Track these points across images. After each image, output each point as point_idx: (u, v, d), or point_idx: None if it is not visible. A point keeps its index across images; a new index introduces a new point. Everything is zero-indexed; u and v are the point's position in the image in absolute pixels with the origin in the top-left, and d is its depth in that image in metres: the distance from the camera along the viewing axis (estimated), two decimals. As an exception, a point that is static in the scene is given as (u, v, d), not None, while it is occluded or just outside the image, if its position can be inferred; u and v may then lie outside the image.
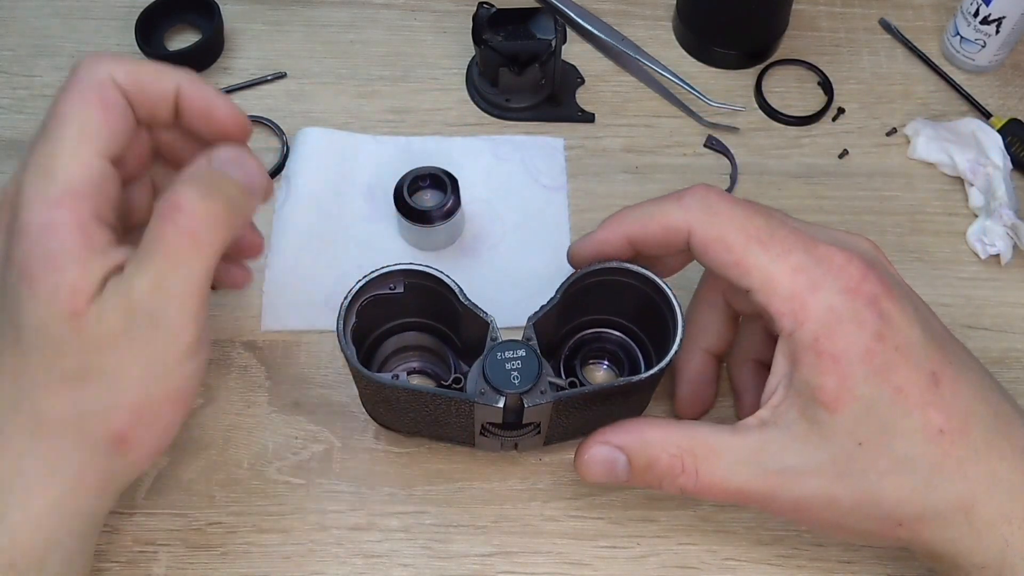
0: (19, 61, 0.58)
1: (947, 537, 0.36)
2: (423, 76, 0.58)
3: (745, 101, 0.58)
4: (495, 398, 0.39)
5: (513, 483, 0.46)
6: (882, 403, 0.35)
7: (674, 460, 0.37)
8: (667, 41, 0.60)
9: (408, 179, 0.49)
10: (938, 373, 0.36)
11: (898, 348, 0.35)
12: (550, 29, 0.53)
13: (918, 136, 0.56)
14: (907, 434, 0.35)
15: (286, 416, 0.47)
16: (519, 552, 0.44)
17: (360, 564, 0.44)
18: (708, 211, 0.38)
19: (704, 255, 0.38)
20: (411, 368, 0.47)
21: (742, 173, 0.55)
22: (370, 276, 0.40)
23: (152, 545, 0.44)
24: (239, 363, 0.48)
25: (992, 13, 0.55)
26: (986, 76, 0.59)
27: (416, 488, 0.46)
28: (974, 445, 0.35)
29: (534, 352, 0.39)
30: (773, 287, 0.36)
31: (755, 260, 0.37)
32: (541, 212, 0.53)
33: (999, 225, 0.52)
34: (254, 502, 0.45)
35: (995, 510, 0.35)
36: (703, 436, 0.38)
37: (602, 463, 0.39)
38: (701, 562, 0.44)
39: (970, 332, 0.51)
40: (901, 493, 0.36)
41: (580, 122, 0.57)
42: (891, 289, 0.36)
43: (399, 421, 0.44)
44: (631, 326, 0.46)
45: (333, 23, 0.60)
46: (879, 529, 0.37)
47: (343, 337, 0.39)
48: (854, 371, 0.35)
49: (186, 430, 0.47)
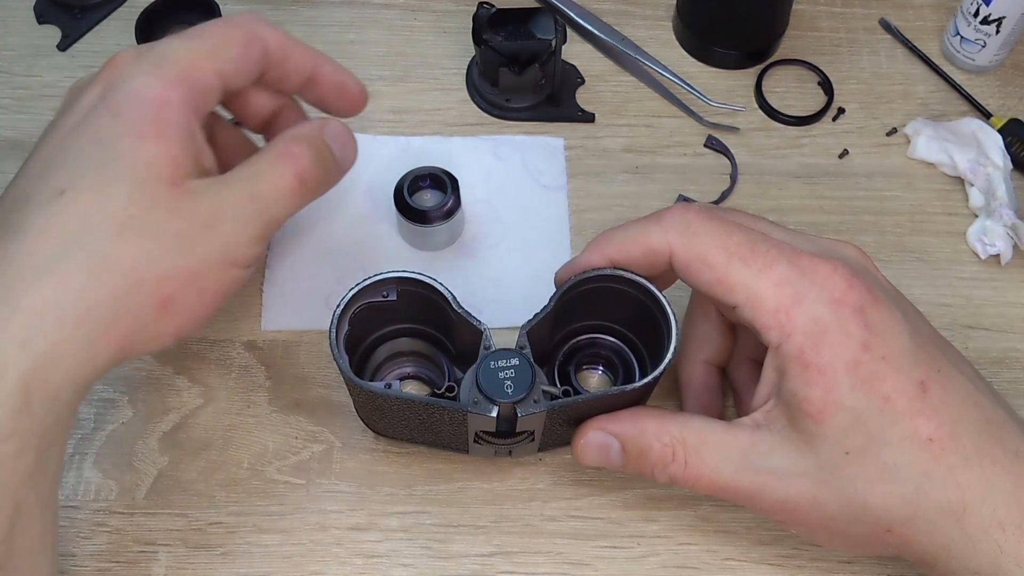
0: (19, 61, 0.58)
1: (939, 544, 0.36)
2: (423, 76, 0.58)
3: (745, 101, 0.58)
4: (488, 407, 0.39)
5: (513, 483, 0.46)
6: (869, 413, 0.35)
7: (666, 449, 0.38)
8: (667, 41, 0.60)
9: (408, 179, 0.49)
10: (926, 381, 0.36)
11: (885, 357, 0.35)
12: (550, 29, 0.53)
13: (918, 136, 0.56)
14: (895, 443, 0.35)
15: (286, 416, 0.47)
16: (519, 552, 0.44)
17: (360, 564, 0.44)
18: (687, 231, 0.38)
19: (687, 275, 0.39)
20: (405, 374, 0.47)
21: (742, 173, 0.55)
22: (363, 284, 0.40)
23: (152, 545, 0.44)
24: (239, 363, 0.48)
25: (992, 13, 0.55)
26: (986, 76, 0.59)
27: (416, 488, 0.46)
28: (965, 452, 0.35)
29: (527, 361, 0.39)
30: (758, 302, 0.37)
31: (738, 276, 0.37)
32: (541, 212, 0.53)
33: (999, 225, 0.52)
34: (254, 502, 0.45)
35: (988, 516, 0.35)
36: (696, 428, 0.38)
37: (597, 448, 0.40)
38: (701, 562, 0.44)
39: (970, 332, 0.51)
40: (889, 500, 0.36)
41: (580, 122, 0.57)
42: (878, 297, 0.36)
43: (393, 428, 0.44)
44: (626, 332, 0.46)
45: (333, 23, 0.60)
46: (868, 534, 0.37)
47: (336, 346, 0.39)
48: (840, 382, 0.35)
49: (186, 430, 0.47)
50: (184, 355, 0.48)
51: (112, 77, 0.37)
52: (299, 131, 0.40)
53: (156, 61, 0.37)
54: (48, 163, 0.36)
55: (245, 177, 0.37)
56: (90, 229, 0.33)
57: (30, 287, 0.32)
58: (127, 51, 0.38)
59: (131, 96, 0.35)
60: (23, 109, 0.56)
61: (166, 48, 0.37)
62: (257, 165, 0.38)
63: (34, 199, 0.34)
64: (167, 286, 0.35)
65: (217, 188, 0.36)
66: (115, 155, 0.35)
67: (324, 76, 0.42)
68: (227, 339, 0.49)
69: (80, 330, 0.33)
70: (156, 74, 0.36)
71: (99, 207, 0.34)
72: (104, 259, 0.33)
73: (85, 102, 0.37)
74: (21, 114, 0.56)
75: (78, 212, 0.34)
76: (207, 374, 0.48)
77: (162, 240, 0.34)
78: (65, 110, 0.38)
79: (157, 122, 0.35)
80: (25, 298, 0.32)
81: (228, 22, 0.39)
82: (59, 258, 0.33)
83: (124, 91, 0.36)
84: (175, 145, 0.35)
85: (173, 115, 0.36)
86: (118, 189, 0.34)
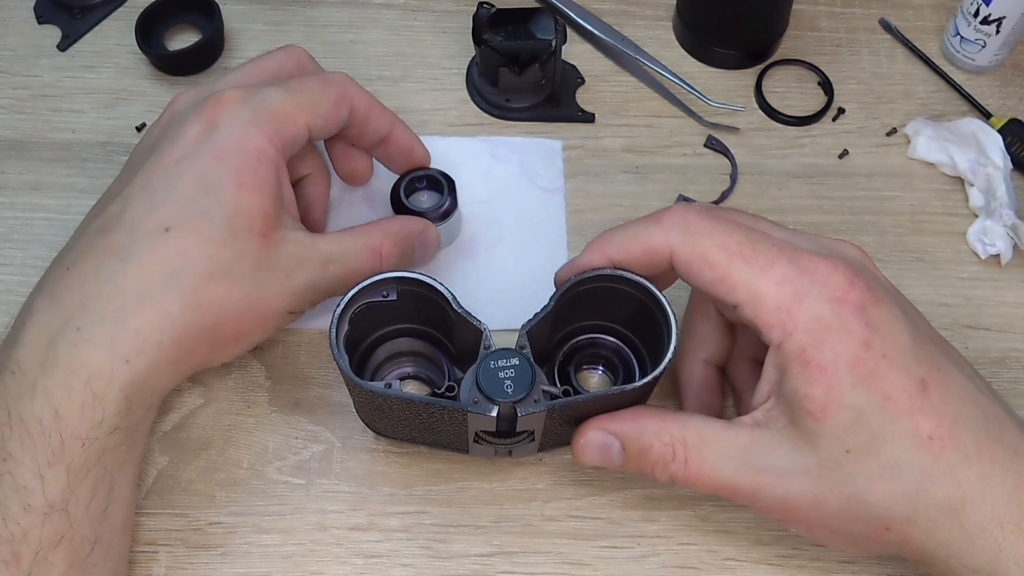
0: (19, 61, 0.58)
1: (938, 541, 0.36)
2: (423, 76, 0.58)
3: (745, 101, 0.58)
4: (488, 407, 0.39)
5: (513, 483, 0.46)
6: (870, 411, 0.35)
7: (666, 448, 0.38)
8: (667, 41, 0.60)
9: (405, 180, 0.49)
10: (926, 379, 0.36)
11: (885, 355, 0.36)
12: (550, 29, 0.53)
13: (918, 136, 0.56)
14: (896, 440, 0.35)
15: (286, 416, 0.47)
16: (519, 552, 0.44)
17: (360, 564, 0.44)
18: (687, 231, 0.38)
19: (688, 274, 0.39)
20: (405, 374, 0.47)
21: (742, 173, 0.55)
22: (363, 284, 0.40)
23: (152, 545, 0.44)
24: (239, 363, 0.48)
25: (992, 13, 0.55)
26: (986, 76, 0.59)
27: (416, 488, 0.46)
28: (964, 450, 0.35)
29: (527, 360, 0.39)
30: (759, 300, 0.37)
31: (739, 275, 0.37)
32: (539, 214, 0.53)
33: (999, 225, 0.52)
34: (254, 502, 0.45)
35: (987, 514, 0.35)
36: (696, 427, 0.38)
37: (598, 448, 0.40)
38: (701, 562, 0.44)
39: (970, 332, 0.51)
40: (890, 498, 0.36)
41: (580, 122, 0.57)
42: (878, 296, 0.36)
43: (393, 428, 0.44)
44: (626, 332, 0.46)
45: (333, 23, 0.60)
46: (868, 532, 0.37)
47: (336, 346, 0.39)
48: (841, 380, 0.35)
49: (186, 430, 0.47)
50: (184, 355, 0.48)
51: (216, 118, 0.41)
52: (402, 230, 0.45)
53: (257, 111, 0.41)
54: (154, 195, 0.40)
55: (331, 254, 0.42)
56: (188, 268, 0.39)
57: (135, 311, 0.38)
58: (232, 92, 0.42)
59: (234, 144, 0.40)
60: (23, 109, 0.56)
61: (268, 97, 0.42)
62: (347, 248, 0.43)
63: (142, 229, 0.39)
64: (242, 325, 0.41)
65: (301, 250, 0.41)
66: (217, 202, 0.39)
67: (395, 140, 0.47)
68: (227, 339, 0.49)
69: (172, 352, 0.39)
70: (257, 125, 0.41)
71: (198, 249, 0.39)
72: (196, 296, 0.39)
73: (189, 136, 0.41)
74: (21, 114, 0.56)
75: (180, 251, 0.39)
76: (207, 374, 0.48)
77: (244, 286, 0.40)
78: (168, 137, 0.42)
79: (255, 174, 0.40)
80: (131, 320, 0.38)
81: (326, 81, 0.44)
82: (160, 290, 0.38)
83: (229, 137, 0.40)
84: (268, 198, 0.40)
85: (270, 168, 0.41)
86: (215, 235, 0.39)
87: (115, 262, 0.39)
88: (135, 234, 0.39)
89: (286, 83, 0.43)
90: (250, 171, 0.40)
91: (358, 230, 0.44)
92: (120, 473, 0.39)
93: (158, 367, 0.39)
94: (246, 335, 0.41)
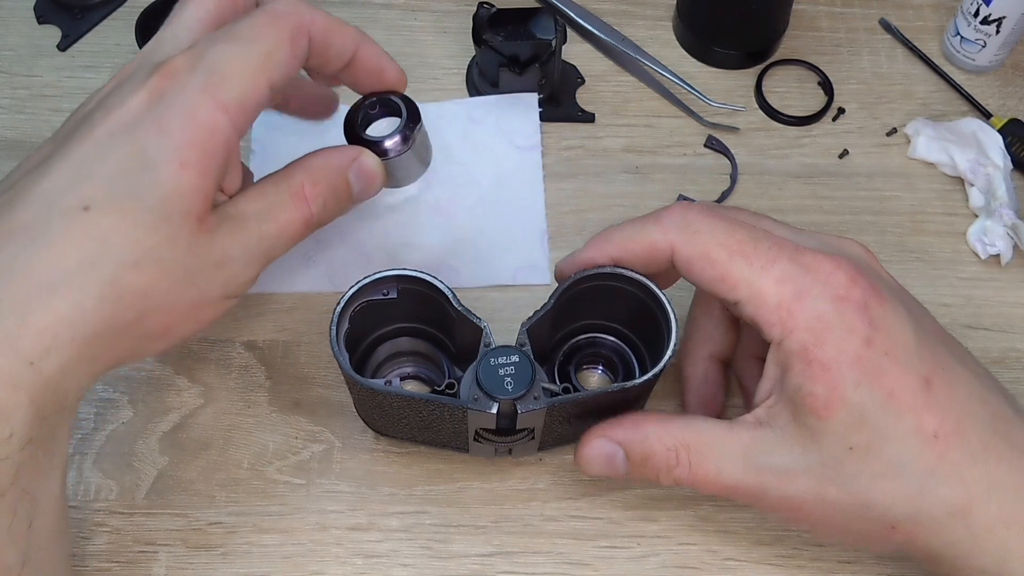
0: (19, 61, 0.58)
1: (944, 542, 0.36)
2: (423, 76, 0.58)
3: (745, 101, 0.58)
4: (488, 404, 0.39)
5: (513, 483, 0.46)
6: (874, 408, 0.35)
7: (669, 453, 0.38)
8: (667, 41, 0.60)
9: (358, 110, 0.43)
10: (931, 376, 0.36)
11: (888, 353, 0.35)
12: (550, 29, 0.53)
13: (918, 136, 0.56)
14: (900, 439, 0.35)
15: (286, 416, 0.47)
16: (519, 552, 0.44)
17: (360, 564, 0.44)
18: (688, 229, 0.38)
19: (689, 273, 0.38)
20: (405, 373, 0.47)
21: (742, 173, 0.55)
22: (363, 282, 0.40)
23: (152, 545, 0.44)
24: (239, 363, 0.48)
25: (992, 13, 0.55)
26: (986, 76, 0.59)
27: (416, 488, 0.46)
28: (970, 448, 0.35)
29: (528, 358, 0.39)
30: (760, 298, 0.37)
31: (740, 273, 0.37)
32: (516, 173, 0.54)
33: (999, 225, 0.52)
34: (254, 502, 0.45)
35: (994, 514, 0.35)
36: (698, 430, 0.38)
37: (601, 457, 0.39)
38: (701, 562, 0.44)
39: (970, 332, 0.51)
40: (894, 497, 0.35)
41: (580, 122, 0.57)
42: (881, 293, 0.36)
43: (393, 427, 0.44)
44: (626, 331, 0.46)
45: (333, 23, 0.60)
46: (873, 531, 0.37)
47: (336, 343, 0.39)
48: (844, 377, 0.35)
49: (186, 430, 0.47)
50: (184, 355, 0.48)
51: (164, 87, 0.35)
52: (325, 164, 0.40)
53: (210, 76, 0.35)
54: (79, 168, 0.34)
55: (258, 214, 0.37)
56: (108, 253, 0.33)
57: (42, 303, 0.32)
58: (181, 58, 0.36)
59: (182, 116, 0.34)
60: (23, 109, 0.56)
61: (219, 59, 0.35)
62: (271, 201, 0.38)
63: (57, 206, 0.33)
64: (169, 317, 0.36)
65: (232, 228, 0.36)
66: (153, 180, 0.34)
67: (362, 60, 0.41)
68: (227, 339, 0.49)
69: (87, 350, 0.33)
70: (211, 92, 0.35)
71: (122, 233, 0.33)
72: (117, 287, 0.33)
73: (131, 105, 0.35)
74: (21, 114, 0.56)
75: (100, 234, 0.33)
76: (207, 374, 0.48)
77: (173, 275, 0.35)
78: (106, 105, 0.36)
79: (203, 151, 0.35)
80: (37, 314, 0.32)
81: (273, 15, 0.37)
82: (73, 277, 0.33)
83: (176, 107, 0.35)
84: (210, 180, 0.35)
85: (220, 142, 0.35)
86: (145, 218, 0.34)
87: (19, 244, 0.33)
88: (49, 212, 0.33)
89: (233, 31, 0.36)
90: (197, 147, 0.34)
91: (277, 176, 0.39)
92: (43, 481, 0.34)
93: (71, 367, 0.33)
94: (175, 328, 0.36)
